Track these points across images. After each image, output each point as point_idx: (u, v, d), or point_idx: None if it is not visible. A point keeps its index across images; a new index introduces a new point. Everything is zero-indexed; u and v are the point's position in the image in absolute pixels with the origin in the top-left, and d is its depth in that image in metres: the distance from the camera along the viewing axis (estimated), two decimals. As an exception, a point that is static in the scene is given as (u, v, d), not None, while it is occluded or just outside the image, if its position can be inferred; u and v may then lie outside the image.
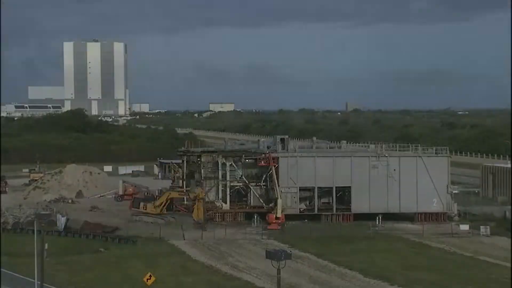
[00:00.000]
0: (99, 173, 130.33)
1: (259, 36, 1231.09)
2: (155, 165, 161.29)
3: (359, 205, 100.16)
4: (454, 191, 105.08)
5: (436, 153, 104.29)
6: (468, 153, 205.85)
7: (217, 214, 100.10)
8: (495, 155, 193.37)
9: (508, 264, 72.54)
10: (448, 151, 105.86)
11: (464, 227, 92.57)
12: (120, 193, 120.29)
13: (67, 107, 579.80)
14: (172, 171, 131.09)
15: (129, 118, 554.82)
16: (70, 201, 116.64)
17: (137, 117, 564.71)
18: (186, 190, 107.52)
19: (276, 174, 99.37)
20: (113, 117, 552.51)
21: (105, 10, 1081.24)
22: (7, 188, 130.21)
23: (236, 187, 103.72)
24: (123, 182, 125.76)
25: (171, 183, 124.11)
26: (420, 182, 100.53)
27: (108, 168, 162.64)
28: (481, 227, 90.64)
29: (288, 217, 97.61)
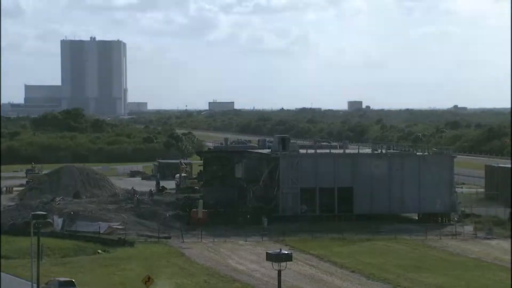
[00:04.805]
0: (96, 174, 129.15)
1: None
2: (153, 165, 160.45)
3: (361, 205, 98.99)
4: (458, 191, 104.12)
5: (440, 152, 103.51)
6: (473, 152, 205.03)
7: None
8: (500, 155, 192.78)
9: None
10: (452, 151, 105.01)
11: (468, 228, 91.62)
12: None
13: (64, 106, 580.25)
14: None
15: (127, 117, 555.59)
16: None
17: (135, 116, 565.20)
18: None
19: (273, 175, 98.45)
20: (111, 116, 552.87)
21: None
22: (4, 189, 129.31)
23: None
24: None
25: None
26: (423, 182, 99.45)
27: (105, 168, 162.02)
28: (486, 228, 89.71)
29: (289, 218, 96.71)
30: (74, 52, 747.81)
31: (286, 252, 43.03)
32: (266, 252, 43.40)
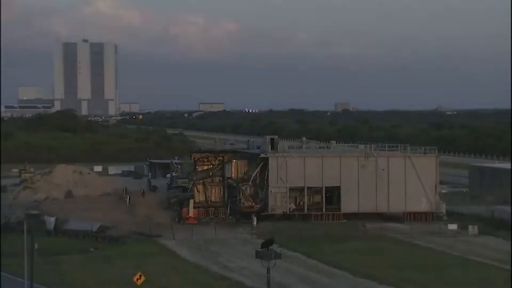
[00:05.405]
0: (89, 173, 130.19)
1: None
2: (144, 165, 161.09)
3: (348, 204, 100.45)
4: (442, 191, 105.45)
5: (424, 153, 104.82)
6: (456, 152, 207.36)
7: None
8: (483, 155, 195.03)
9: (497, 263, 73.16)
10: (436, 151, 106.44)
11: (452, 226, 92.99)
12: None
13: (57, 107, 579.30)
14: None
15: (119, 118, 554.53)
16: None
17: (127, 117, 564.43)
18: None
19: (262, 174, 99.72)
20: (103, 117, 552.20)
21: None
22: None
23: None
24: None
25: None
26: (409, 181, 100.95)
27: (98, 168, 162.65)
28: (469, 226, 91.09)
29: (278, 217, 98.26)
30: (67, 54, 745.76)
31: (275, 250, 43.68)
32: (256, 250, 43.79)
